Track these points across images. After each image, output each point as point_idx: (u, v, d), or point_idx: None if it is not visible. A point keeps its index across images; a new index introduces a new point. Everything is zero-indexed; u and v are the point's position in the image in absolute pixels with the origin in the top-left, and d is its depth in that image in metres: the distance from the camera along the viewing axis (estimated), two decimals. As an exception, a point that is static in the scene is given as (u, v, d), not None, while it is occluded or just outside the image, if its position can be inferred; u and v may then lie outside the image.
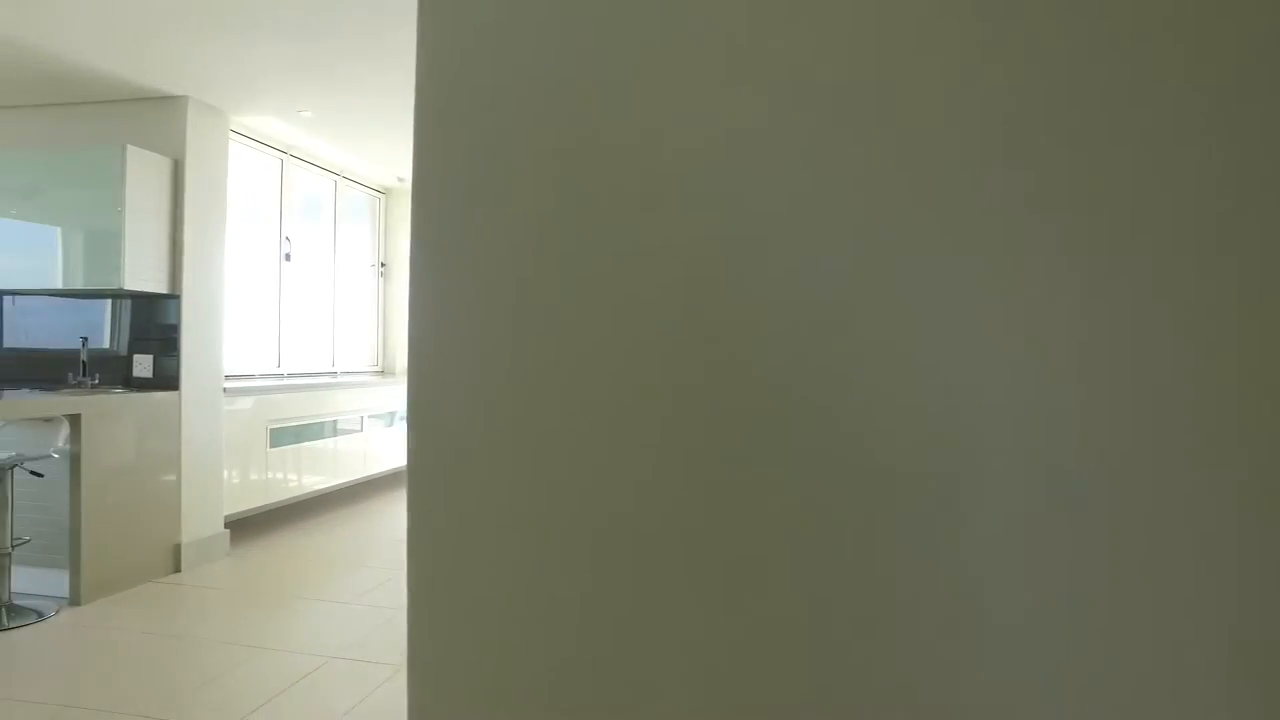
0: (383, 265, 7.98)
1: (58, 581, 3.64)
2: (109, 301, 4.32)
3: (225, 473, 4.53)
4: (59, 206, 4.03)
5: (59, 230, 4.04)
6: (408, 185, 6.31)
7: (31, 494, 3.64)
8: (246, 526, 4.96)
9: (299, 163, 6.52)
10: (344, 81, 3.97)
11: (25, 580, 3.63)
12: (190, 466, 4.21)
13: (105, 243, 3.91)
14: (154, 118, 4.22)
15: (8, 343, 4.43)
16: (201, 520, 4.31)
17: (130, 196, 3.90)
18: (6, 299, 4.43)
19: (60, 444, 3.57)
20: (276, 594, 3.84)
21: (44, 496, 3.66)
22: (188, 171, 4.20)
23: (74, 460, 3.56)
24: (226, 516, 4.54)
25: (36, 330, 4.40)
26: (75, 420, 3.55)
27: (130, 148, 3.92)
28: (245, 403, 4.74)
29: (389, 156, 5.51)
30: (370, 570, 4.27)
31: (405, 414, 0.63)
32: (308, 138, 6.01)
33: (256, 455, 4.89)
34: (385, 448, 6.55)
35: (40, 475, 3.54)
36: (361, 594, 3.82)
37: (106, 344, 4.33)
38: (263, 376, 6.04)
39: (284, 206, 6.31)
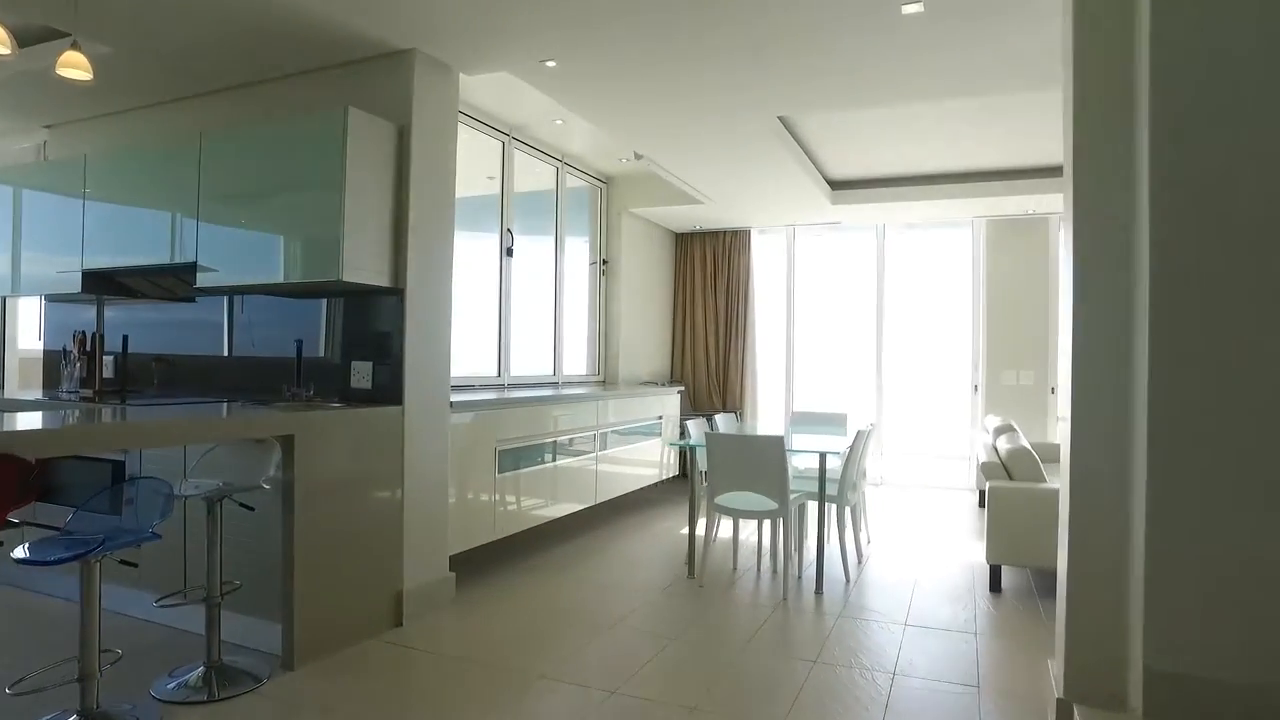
0: (604, 263, 7.23)
1: (269, 635, 2.98)
2: (324, 300, 3.70)
3: (449, 503, 3.79)
4: (275, 186, 3.42)
5: (277, 215, 3.43)
6: (634, 170, 5.37)
7: (242, 529, 3.01)
8: (469, 566, 4.22)
9: (523, 146, 5.84)
10: (603, 14, 3.10)
11: (234, 629, 3.01)
12: (414, 497, 3.48)
13: (322, 225, 3.24)
14: (376, 79, 3.54)
15: (237, 350, 3.93)
16: (425, 562, 3.58)
17: (351, 168, 3.22)
18: (238, 299, 3.93)
19: (271, 471, 2.90)
20: (519, 667, 3.00)
21: (255, 533, 3.02)
22: (414, 140, 3.49)
23: (286, 490, 2.88)
24: (451, 556, 3.80)
25: (258, 335, 3.86)
26: (288, 442, 2.87)
27: (353, 110, 3.24)
28: (467, 418, 4.00)
29: (630, 123, 4.62)
30: (624, 633, 3.36)
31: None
32: (537, 115, 5.28)
33: (483, 480, 4.14)
34: (621, 467, 5.73)
35: (251, 509, 2.89)
36: (622, 673, 2.90)
37: (322, 350, 3.70)
38: (484, 386, 5.37)
39: (505, 195, 5.64)
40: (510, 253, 5.63)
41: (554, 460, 4.87)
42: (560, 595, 3.95)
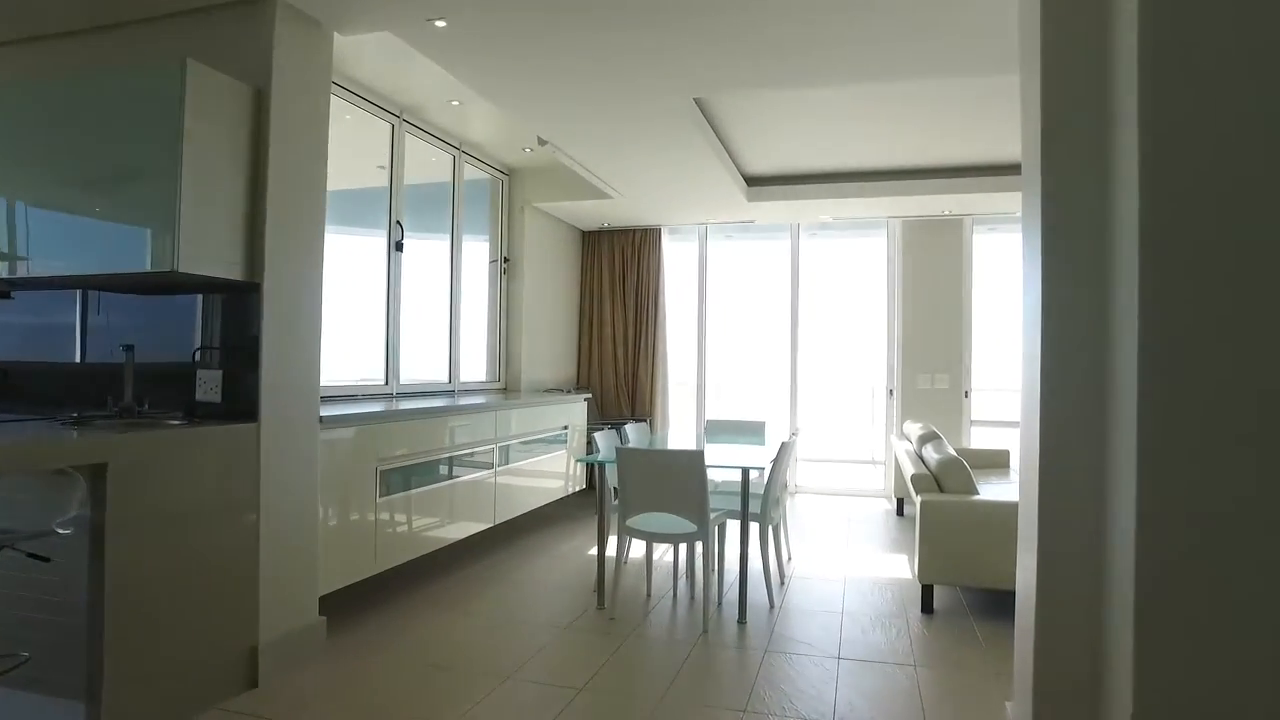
0: (506, 261, 6.72)
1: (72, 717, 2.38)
2: (195, 296, 3.10)
3: (320, 535, 3.24)
4: (94, 155, 2.80)
5: (97, 191, 2.81)
6: (539, 161, 4.91)
7: (35, 586, 2.40)
8: (345, 607, 3.67)
9: (416, 131, 5.29)
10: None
11: (22, 715, 2.39)
12: (273, 531, 2.92)
13: (154, 206, 2.66)
14: (227, 31, 2.97)
15: (92, 356, 3.25)
16: (288, 607, 3.02)
17: (192, 135, 2.64)
18: (93, 296, 3.26)
19: (73, 511, 2.30)
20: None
21: (54, 589, 2.41)
22: (274, 106, 2.93)
23: (95, 534, 2.30)
24: (322, 598, 3.25)
25: (114, 339, 3.21)
26: (99, 472, 2.29)
27: (193, 64, 2.66)
28: (344, 434, 3.45)
29: (531, 101, 4.16)
30: (524, 685, 2.90)
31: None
32: (431, 95, 4.76)
33: (362, 505, 3.60)
34: (524, 482, 5.23)
35: (45, 559, 2.29)
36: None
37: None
38: (370, 396, 4.79)
39: (396, 183, 5.08)
40: (400, 247, 5.07)
41: (448, 477, 4.35)
42: (452, 637, 3.44)
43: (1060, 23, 2.05)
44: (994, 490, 4.69)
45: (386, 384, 4.99)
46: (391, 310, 5.04)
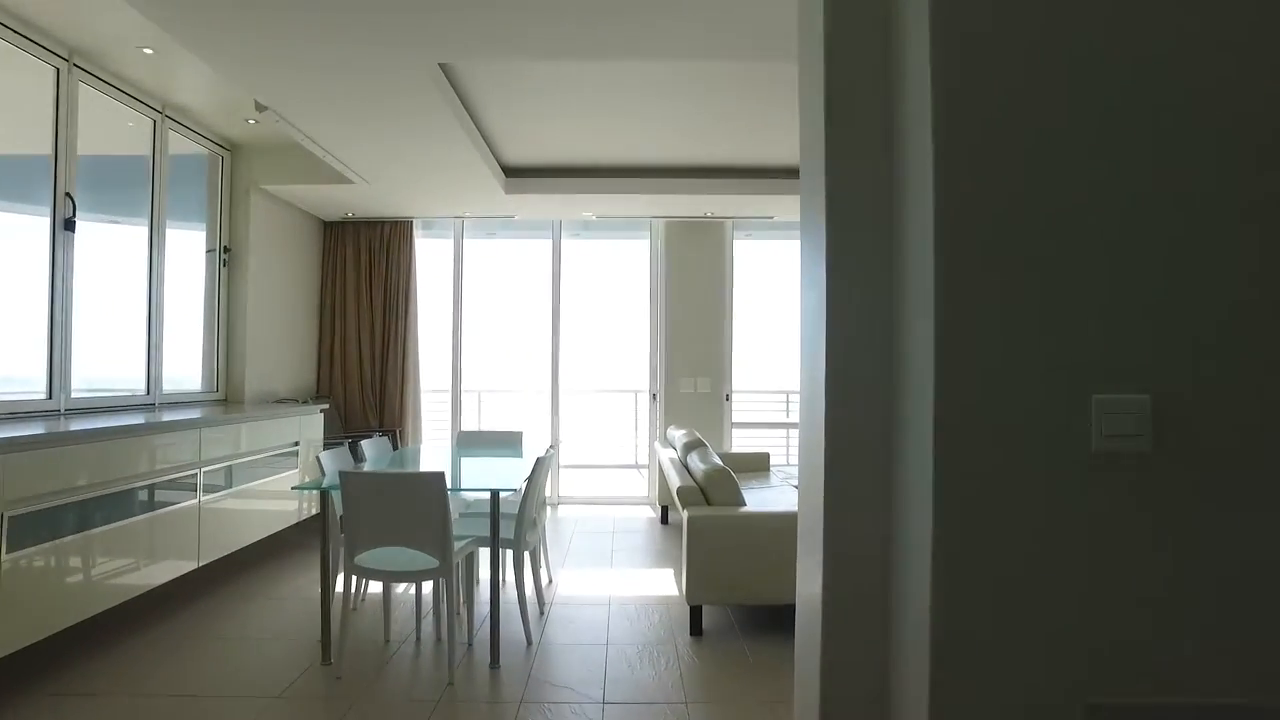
0: (226, 251, 5.75)
1: None
2: None
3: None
4: None
5: None
6: (268, 136, 3.93)
7: None
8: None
9: (95, 82, 4.28)
10: None
11: None
12: None
13: None
14: None
15: None
16: None
17: None
18: None
19: None
20: None
21: None
22: None
23: None
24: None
25: None
26: None
27: None
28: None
29: (238, 48, 3.44)
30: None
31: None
32: (114, 35, 3.83)
33: (-12, 560, 2.71)
34: (244, 510, 4.38)
35: None
36: None
37: None
38: (27, 414, 3.78)
39: (64, 147, 4.07)
40: (71, 225, 4.07)
41: (128, 515, 3.49)
42: (117, 723, 2.68)
43: (845, 10, 1.81)
44: (759, 497, 4.60)
45: (50, 397, 3.98)
46: (59, 305, 4.02)
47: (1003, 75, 1.47)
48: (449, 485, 3.07)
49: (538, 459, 3.57)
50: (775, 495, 4.72)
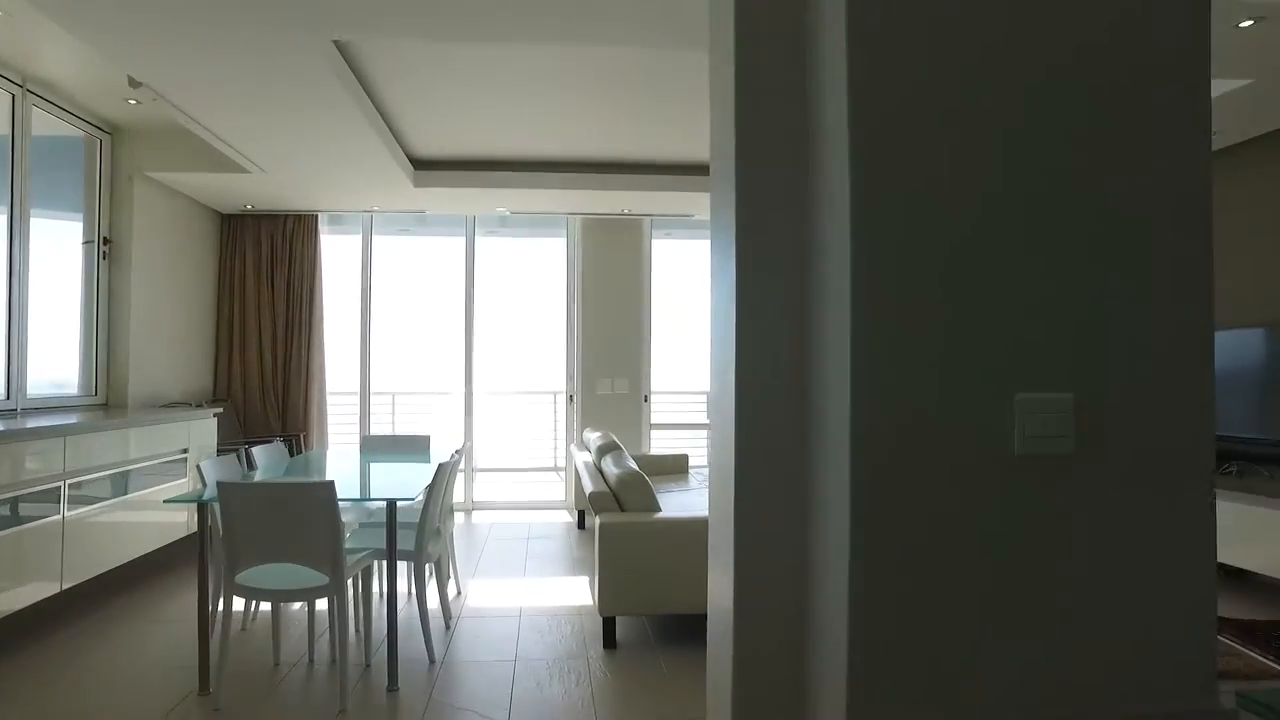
0: (106, 243, 5.31)
1: None
2: None
3: None
4: None
5: None
6: (154, 118, 3.16)
7: None
8: None
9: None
10: None
11: None
12: None
13: None
14: None
15: None
16: None
17: None
18: None
19: None
20: None
21: None
22: None
23: None
24: None
25: None
26: None
27: None
28: None
29: (121, 48, 3.13)
30: None
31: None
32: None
33: None
34: (122, 524, 4.00)
35: None
36: None
37: None
38: None
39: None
40: (-86, 213, 3.65)
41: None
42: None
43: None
44: (676, 501, 4.48)
45: (-111, 403, 3.56)
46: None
47: (918, 66, 1.36)
48: (341, 495, 2.83)
49: (440, 465, 3.35)
50: (693, 499, 4.61)
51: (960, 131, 1.35)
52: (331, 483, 2.73)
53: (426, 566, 3.35)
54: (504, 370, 7.85)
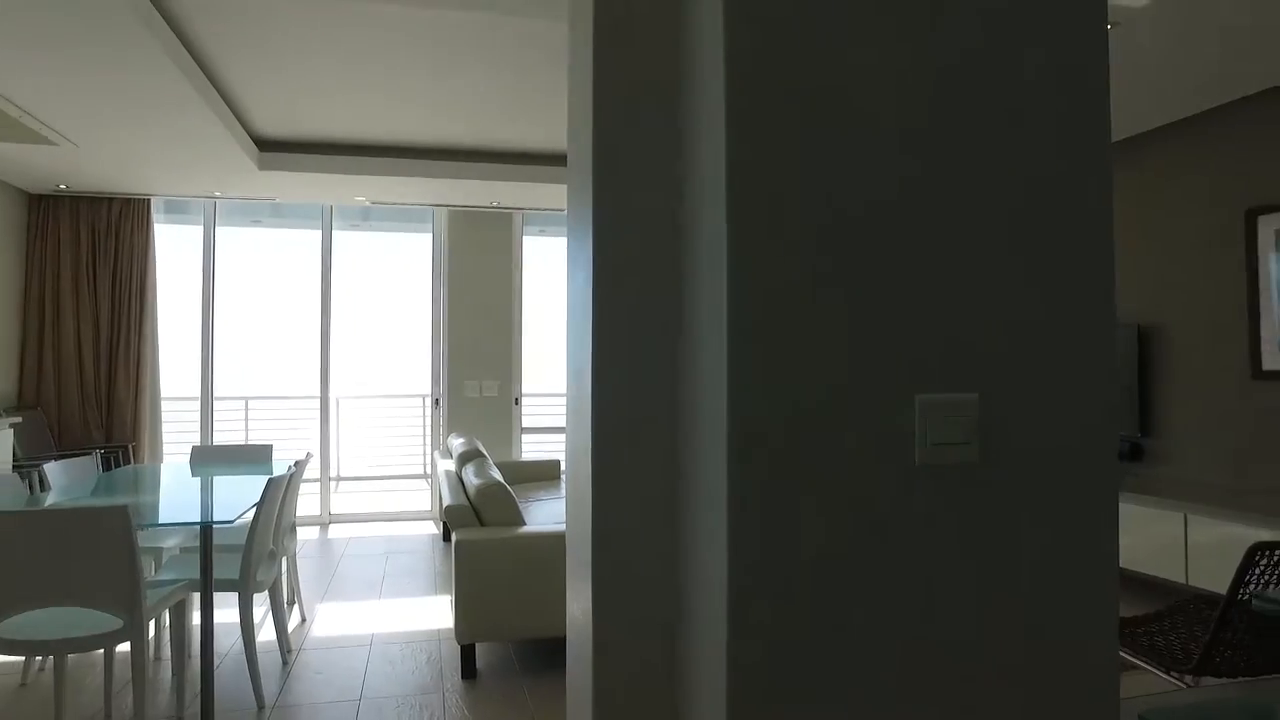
0: None
1: None
2: None
3: None
4: None
5: None
6: None
7: None
8: None
9: None
10: None
11: None
12: None
13: None
14: None
15: None
16: None
17: None
18: None
19: None
20: None
21: None
22: None
23: None
24: None
25: None
26: None
27: None
28: None
29: None
30: None
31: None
32: None
33: None
34: None
35: None
36: None
37: None
38: None
39: None
40: None
41: None
42: None
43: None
44: (546, 511, 4.20)
45: None
46: None
47: (803, 57, 1.16)
48: (148, 519, 2.39)
49: (270, 480, 2.93)
50: (564, 508, 4.33)
51: (841, 123, 1.17)
52: (124, 508, 2.29)
53: (258, 595, 2.92)
54: (368, 373, 7.37)
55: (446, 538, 5.72)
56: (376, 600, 4.20)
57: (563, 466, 5.81)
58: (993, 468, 1.20)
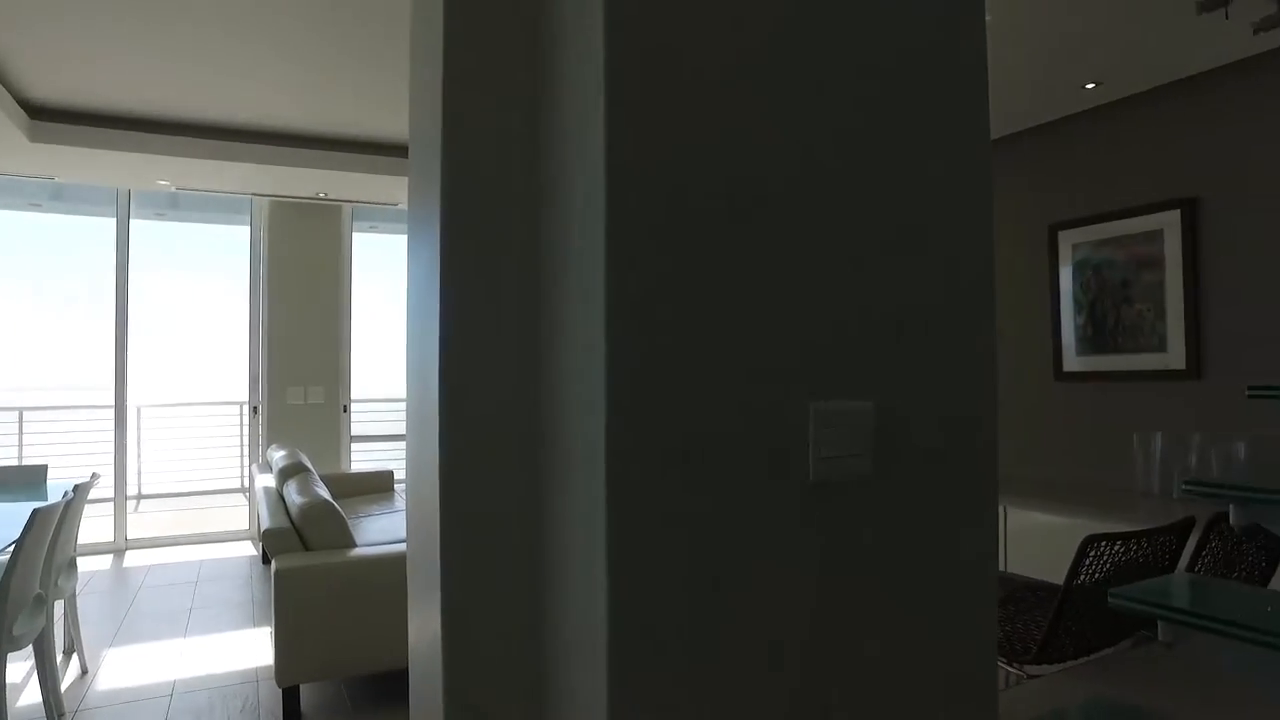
0: None
1: None
2: None
3: None
4: None
5: None
6: None
7: None
8: None
9: None
10: None
11: None
12: None
13: None
14: None
15: None
16: None
17: None
18: None
19: None
20: None
21: None
22: None
23: None
24: None
25: None
26: None
27: None
28: None
29: None
30: None
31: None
32: None
33: None
34: None
35: None
36: None
37: None
38: None
39: None
40: None
41: None
42: None
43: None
44: (379, 527, 3.86)
45: None
46: None
47: (690, 42, 1.02)
48: None
49: (36, 510, 2.44)
50: (399, 522, 3.99)
51: (728, 115, 1.04)
52: None
53: (19, 652, 2.43)
54: (176, 379, 6.64)
55: (266, 560, 5.19)
56: (181, 639, 3.69)
57: (398, 476, 5.42)
58: (884, 479, 1.12)
